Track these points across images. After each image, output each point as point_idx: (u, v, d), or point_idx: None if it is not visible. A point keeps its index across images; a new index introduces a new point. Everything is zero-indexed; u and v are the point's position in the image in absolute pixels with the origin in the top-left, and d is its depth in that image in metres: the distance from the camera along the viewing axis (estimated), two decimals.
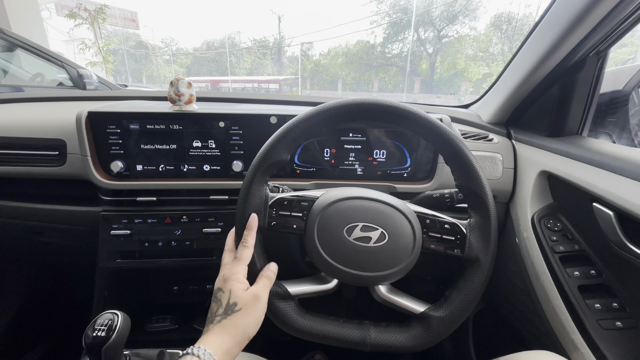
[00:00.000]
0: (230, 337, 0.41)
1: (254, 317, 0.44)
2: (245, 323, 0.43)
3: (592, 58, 0.65)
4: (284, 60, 26.10)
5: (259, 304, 0.44)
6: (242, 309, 0.43)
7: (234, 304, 0.43)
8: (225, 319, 0.42)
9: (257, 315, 0.44)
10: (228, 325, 0.42)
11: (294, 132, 0.50)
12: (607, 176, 0.54)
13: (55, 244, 0.87)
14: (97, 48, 8.02)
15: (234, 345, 0.41)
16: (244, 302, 0.43)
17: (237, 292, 0.44)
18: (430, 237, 0.50)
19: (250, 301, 0.44)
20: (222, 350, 0.40)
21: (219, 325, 0.42)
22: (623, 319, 0.53)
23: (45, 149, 0.75)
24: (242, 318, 0.42)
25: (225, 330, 0.41)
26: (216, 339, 0.40)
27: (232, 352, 0.41)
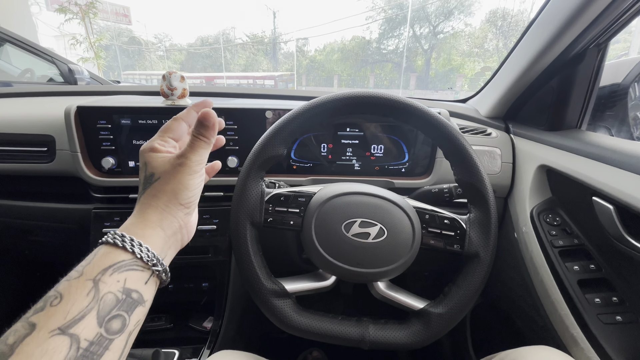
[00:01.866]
0: (152, 211, 0.33)
1: (180, 183, 0.34)
2: (167, 191, 0.34)
3: (592, 50, 0.65)
4: (279, 56, 25.93)
5: (183, 170, 0.34)
6: (161, 177, 0.34)
7: (150, 175, 0.34)
8: (144, 194, 0.34)
9: (185, 181, 0.35)
10: (147, 199, 0.34)
11: (290, 126, 0.49)
12: (607, 170, 0.54)
13: (46, 242, 0.85)
14: (89, 43, 7.88)
15: (158, 219, 0.33)
16: (161, 170, 0.34)
17: (153, 161, 0.35)
18: (429, 232, 0.50)
19: (169, 168, 0.34)
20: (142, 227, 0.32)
21: (138, 204, 0.34)
22: (623, 313, 0.53)
23: (33, 145, 0.73)
24: (162, 186, 0.34)
25: (145, 205, 0.33)
26: (133, 219, 0.33)
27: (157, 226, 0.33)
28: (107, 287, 0.27)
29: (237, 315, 0.82)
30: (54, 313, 0.25)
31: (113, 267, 0.29)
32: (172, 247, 0.35)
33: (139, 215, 0.33)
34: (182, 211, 0.35)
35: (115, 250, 0.30)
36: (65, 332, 0.24)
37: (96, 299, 0.27)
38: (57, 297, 0.26)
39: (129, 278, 0.29)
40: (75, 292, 0.26)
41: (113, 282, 0.28)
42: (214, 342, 0.73)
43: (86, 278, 0.27)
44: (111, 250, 0.30)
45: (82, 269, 0.28)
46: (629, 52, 2.78)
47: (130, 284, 0.29)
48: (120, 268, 0.29)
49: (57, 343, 0.24)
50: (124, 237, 0.30)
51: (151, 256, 0.31)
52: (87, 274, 0.28)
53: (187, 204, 0.35)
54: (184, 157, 0.35)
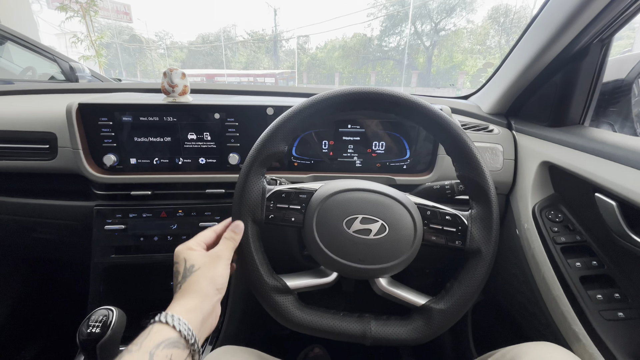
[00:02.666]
0: (194, 295, 0.40)
1: (217, 271, 0.42)
2: (207, 277, 0.41)
3: (595, 46, 0.64)
4: (280, 54, 25.87)
5: (219, 261, 0.43)
6: (201, 268, 0.41)
7: (191, 266, 0.42)
8: (185, 282, 0.41)
9: (220, 270, 0.43)
10: (189, 285, 0.40)
11: (291, 122, 0.49)
12: (610, 166, 0.53)
13: (49, 239, 0.85)
14: (90, 41, 7.87)
15: (199, 302, 0.39)
16: (201, 262, 0.42)
17: (192, 256, 0.42)
18: (431, 228, 0.50)
19: (208, 260, 0.42)
20: (186, 309, 0.38)
21: (180, 291, 0.40)
22: (625, 310, 0.53)
23: (35, 142, 0.73)
24: (203, 274, 0.41)
25: (186, 291, 0.40)
26: (179, 302, 0.39)
27: (198, 308, 0.39)
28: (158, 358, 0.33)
29: (239, 312, 0.82)
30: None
31: (164, 343, 0.34)
32: (204, 332, 0.40)
33: (181, 300, 0.39)
34: (216, 296, 0.42)
35: (165, 329, 0.35)
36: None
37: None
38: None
39: (174, 354, 0.34)
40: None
41: (163, 356, 0.33)
42: (215, 338, 0.73)
43: (144, 351, 0.33)
44: (162, 328, 0.35)
45: (141, 341, 0.34)
46: (633, 48, 2.76)
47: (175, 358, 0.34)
48: (169, 345, 0.34)
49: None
50: (173, 317, 0.36)
51: (191, 335, 0.36)
52: (145, 347, 0.33)
53: (220, 289, 0.42)
54: (219, 252, 0.44)
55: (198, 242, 0.46)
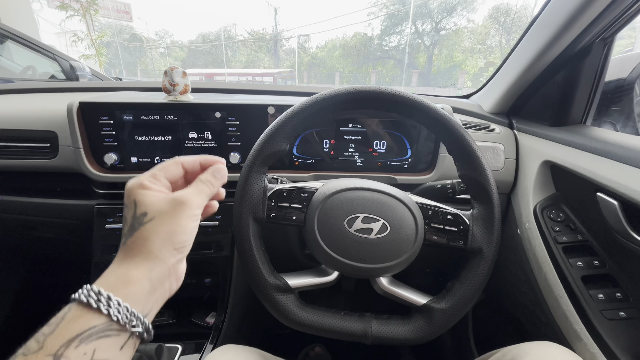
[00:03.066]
0: (141, 259, 0.29)
1: (178, 224, 0.30)
2: (162, 233, 0.29)
3: (598, 44, 0.64)
4: (280, 53, 25.84)
5: (183, 210, 0.31)
6: (156, 218, 0.30)
7: (142, 214, 0.30)
8: (131, 236, 0.29)
9: (183, 222, 0.31)
10: (136, 243, 0.29)
11: (292, 121, 0.49)
12: (612, 165, 0.53)
13: (50, 238, 0.85)
14: (90, 40, 7.87)
15: (147, 268, 0.29)
16: (157, 209, 0.30)
17: (144, 199, 0.30)
18: (432, 228, 0.50)
19: (167, 207, 0.30)
20: (125, 279, 0.27)
21: (123, 249, 0.29)
22: (627, 309, 0.53)
23: (36, 141, 0.73)
24: (157, 228, 0.29)
25: (131, 251, 0.29)
26: (117, 268, 0.28)
27: (145, 277, 0.28)
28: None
29: (240, 311, 0.82)
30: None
31: (81, 336, 0.24)
32: (158, 299, 0.30)
33: (123, 263, 0.29)
34: (174, 257, 0.31)
35: (86, 314, 0.25)
36: None
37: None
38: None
39: (99, 348, 0.24)
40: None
41: (79, 356, 0.23)
42: (216, 338, 0.73)
43: (45, 353, 0.22)
44: (82, 312, 0.25)
45: (44, 338, 0.23)
46: (633, 48, 2.75)
47: (101, 353, 0.24)
48: (89, 337, 0.24)
49: None
50: (99, 295, 0.25)
51: (130, 316, 0.26)
52: (48, 346, 0.23)
53: (181, 248, 0.31)
54: (185, 197, 0.31)
55: (157, 176, 0.33)
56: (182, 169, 0.36)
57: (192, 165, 0.37)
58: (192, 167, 0.37)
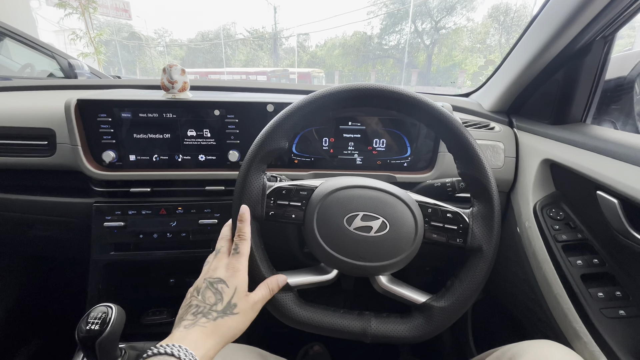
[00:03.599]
0: (219, 341, 0.38)
1: (245, 325, 0.41)
2: (236, 329, 0.40)
3: (598, 42, 0.64)
4: (280, 52, 25.80)
5: (253, 315, 0.42)
6: (240, 314, 0.40)
7: (234, 305, 0.40)
8: (222, 319, 0.39)
9: (247, 324, 0.42)
10: (221, 327, 0.38)
11: (292, 118, 0.48)
12: (612, 163, 0.53)
13: (48, 236, 0.85)
14: (89, 38, 7.83)
15: (217, 350, 0.38)
16: (243, 308, 0.41)
17: (240, 294, 0.41)
18: (432, 226, 0.49)
19: (248, 309, 0.41)
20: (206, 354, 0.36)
21: (213, 324, 0.38)
22: (626, 308, 0.53)
23: (34, 138, 0.73)
24: (237, 324, 0.40)
25: (217, 331, 0.38)
26: (207, 341, 0.37)
27: (212, 356, 0.37)
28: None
29: None
30: None
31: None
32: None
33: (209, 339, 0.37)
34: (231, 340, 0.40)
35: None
36: None
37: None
38: None
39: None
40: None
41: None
42: None
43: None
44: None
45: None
46: (633, 47, 2.74)
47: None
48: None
49: None
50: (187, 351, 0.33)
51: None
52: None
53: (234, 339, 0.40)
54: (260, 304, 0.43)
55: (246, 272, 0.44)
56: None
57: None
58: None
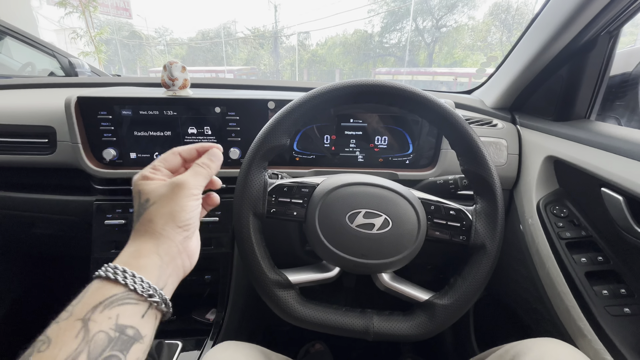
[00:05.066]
0: (147, 237, 0.32)
1: (177, 204, 0.33)
2: (164, 214, 0.33)
3: (603, 37, 0.63)
4: (280, 50, 25.76)
5: (181, 191, 0.34)
6: (156, 202, 0.33)
7: (145, 201, 0.34)
8: (138, 221, 0.33)
9: (182, 202, 0.34)
10: (142, 225, 0.33)
11: (293, 115, 0.48)
12: (617, 160, 0.53)
13: (49, 235, 0.85)
14: (89, 37, 7.83)
15: (154, 245, 0.32)
16: (156, 194, 0.34)
17: (147, 188, 0.34)
18: (435, 223, 0.49)
19: (165, 190, 0.34)
20: (136, 256, 0.31)
21: (132, 233, 0.33)
22: (631, 305, 0.52)
23: (34, 136, 0.72)
24: (158, 210, 0.33)
25: (139, 233, 0.33)
26: (128, 249, 0.32)
27: (153, 253, 0.31)
28: (97, 325, 0.25)
29: (240, 307, 0.82)
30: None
31: (104, 303, 0.27)
32: (172, 275, 0.33)
33: (133, 244, 0.32)
34: (180, 234, 0.34)
35: (106, 285, 0.28)
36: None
37: (86, 340, 0.25)
38: (44, 342, 0.24)
39: (121, 313, 0.27)
40: (64, 334, 0.25)
41: (104, 320, 0.26)
42: (216, 334, 0.73)
43: (75, 318, 0.26)
44: (103, 284, 0.28)
45: (72, 308, 0.26)
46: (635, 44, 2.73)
47: (124, 319, 0.27)
48: (111, 303, 0.27)
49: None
50: (116, 269, 0.29)
51: (146, 287, 0.29)
52: (76, 313, 0.26)
53: (185, 226, 0.34)
54: (182, 179, 0.35)
55: (157, 167, 0.37)
56: (180, 158, 0.39)
57: (190, 153, 0.40)
58: (190, 155, 0.40)
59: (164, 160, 0.38)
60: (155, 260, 0.31)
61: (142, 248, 0.32)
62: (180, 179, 0.35)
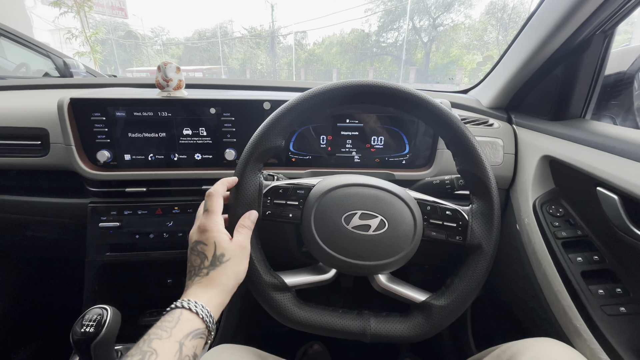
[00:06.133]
0: (221, 289, 0.40)
1: (243, 265, 0.43)
2: (235, 272, 0.42)
3: (598, 37, 0.63)
4: (277, 50, 25.70)
5: (245, 253, 0.44)
6: (231, 259, 0.41)
7: (221, 255, 0.41)
8: (214, 270, 0.40)
9: (245, 263, 0.44)
10: (217, 277, 0.40)
11: (288, 116, 0.48)
12: (612, 159, 0.53)
13: (43, 237, 0.84)
14: (84, 37, 7.76)
15: (224, 297, 0.40)
16: (232, 253, 0.42)
17: (222, 243, 0.42)
18: (431, 224, 0.49)
19: (237, 251, 0.42)
20: (213, 304, 0.38)
21: (206, 278, 0.40)
22: (627, 305, 0.53)
23: (27, 138, 0.72)
24: (233, 268, 0.41)
25: (214, 282, 0.40)
26: (206, 292, 0.39)
27: (222, 304, 0.40)
28: (187, 350, 0.34)
29: (237, 310, 0.82)
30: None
31: (193, 333, 0.35)
32: None
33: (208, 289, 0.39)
34: (235, 287, 0.42)
35: (195, 319, 0.36)
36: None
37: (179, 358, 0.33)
38: (152, 353, 0.31)
39: (198, 345, 0.35)
40: (167, 350, 0.32)
41: (190, 347, 0.34)
42: (213, 337, 0.72)
43: (175, 340, 0.33)
44: (192, 317, 0.36)
45: (171, 331, 0.34)
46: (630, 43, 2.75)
47: (198, 349, 0.35)
48: (196, 335, 0.35)
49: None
50: (203, 309, 0.37)
51: (213, 327, 0.38)
52: (176, 336, 0.33)
53: (239, 284, 0.43)
54: (247, 244, 0.44)
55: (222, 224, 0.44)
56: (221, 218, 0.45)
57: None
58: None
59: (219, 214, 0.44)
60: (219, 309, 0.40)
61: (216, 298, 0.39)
62: (244, 244, 0.44)
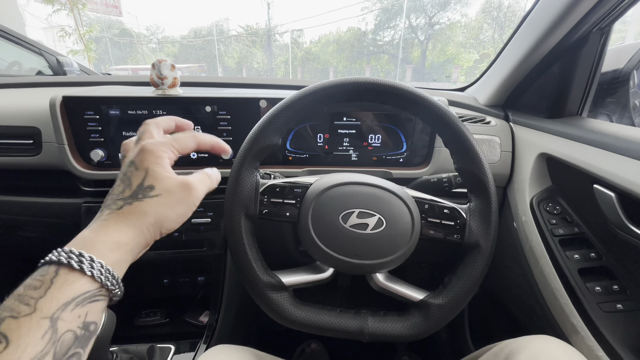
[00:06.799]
0: (131, 228, 0.28)
1: (176, 210, 0.31)
2: (159, 214, 0.30)
3: (595, 34, 0.63)
4: (273, 48, 25.61)
5: (188, 196, 0.32)
6: (161, 195, 0.30)
7: (149, 186, 0.30)
8: (131, 204, 0.29)
9: (181, 209, 0.31)
10: (133, 213, 0.29)
11: (285, 114, 0.47)
12: (609, 157, 0.53)
13: (36, 238, 0.83)
14: (78, 35, 7.67)
15: (133, 237, 0.28)
16: (164, 188, 0.30)
17: (157, 174, 0.30)
18: (429, 222, 0.49)
19: (175, 188, 0.31)
20: (115, 244, 0.27)
21: (116, 213, 0.29)
22: (624, 302, 0.53)
23: (19, 137, 0.70)
24: (157, 207, 0.30)
25: (124, 221, 0.28)
26: (107, 234, 0.27)
27: (130, 245, 0.28)
28: (66, 325, 0.23)
29: (234, 309, 0.81)
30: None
31: (76, 300, 0.24)
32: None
33: (113, 228, 0.28)
34: (154, 239, 0.31)
35: (80, 279, 0.24)
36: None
37: (53, 340, 0.22)
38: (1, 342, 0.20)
39: (90, 311, 0.25)
40: (27, 334, 0.21)
41: (74, 319, 0.24)
42: (210, 337, 0.72)
43: (41, 316, 0.22)
44: (75, 278, 0.24)
45: (35, 302, 0.22)
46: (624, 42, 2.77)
47: (91, 316, 0.25)
48: (84, 301, 0.24)
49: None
50: (92, 262, 0.25)
51: (115, 284, 0.27)
52: (42, 310, 0.22)
53: (164, 234, 0.31)
54: (192, 184, 0.32)
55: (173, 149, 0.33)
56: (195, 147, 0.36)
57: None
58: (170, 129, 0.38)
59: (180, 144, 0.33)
60: (129, 257, 0.29)
61: (122, 237, 0.28)
62: (191, 183, 0.32)
